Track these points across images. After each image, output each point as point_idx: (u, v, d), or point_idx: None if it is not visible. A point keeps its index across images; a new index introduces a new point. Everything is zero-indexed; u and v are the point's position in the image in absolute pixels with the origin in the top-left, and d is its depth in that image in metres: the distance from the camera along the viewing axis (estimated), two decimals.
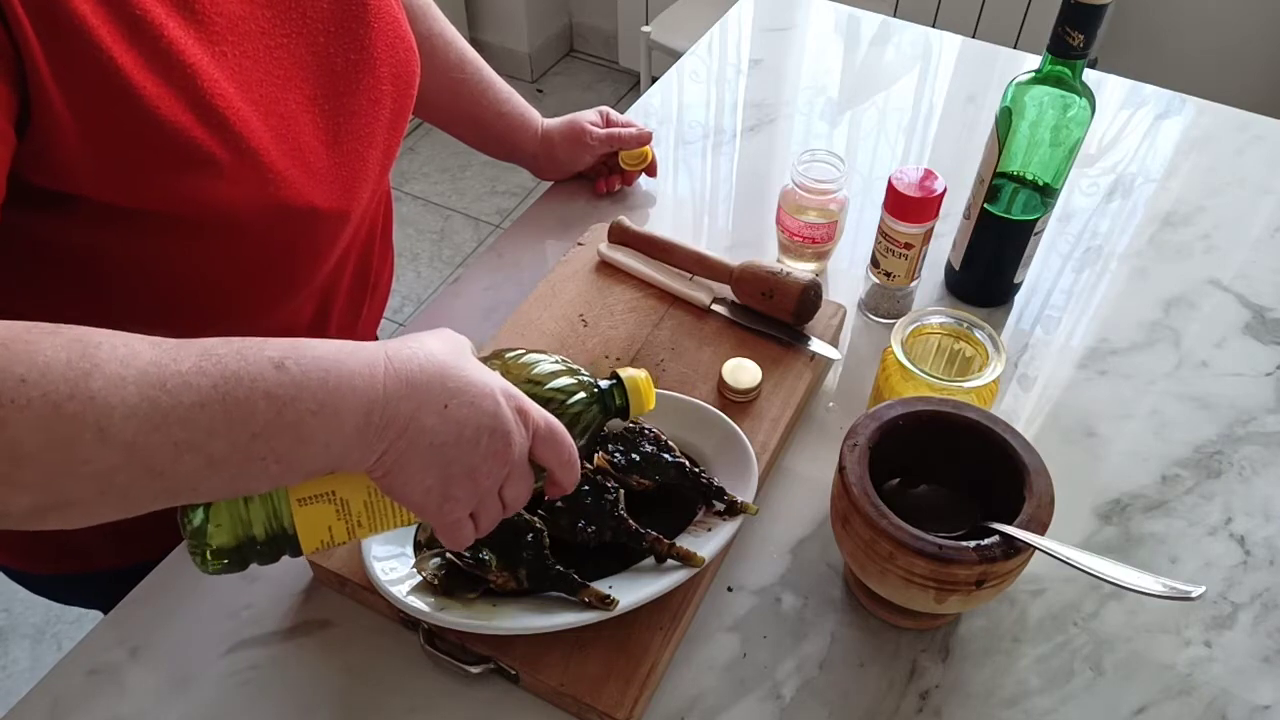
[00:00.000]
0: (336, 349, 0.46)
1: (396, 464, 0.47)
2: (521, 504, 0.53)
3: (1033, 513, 0.59)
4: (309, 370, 0.45)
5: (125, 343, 0.42)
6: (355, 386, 0.45)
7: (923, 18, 2.28)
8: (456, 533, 0.51)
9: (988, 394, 0.70)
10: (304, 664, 0.64)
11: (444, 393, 0.47)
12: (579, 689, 0.60)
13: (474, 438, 0.48)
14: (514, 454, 0.49)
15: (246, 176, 0.57)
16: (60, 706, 0.62)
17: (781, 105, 1.16)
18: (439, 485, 0.49)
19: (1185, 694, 0.64)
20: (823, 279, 0.94)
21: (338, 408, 0.45)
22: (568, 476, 0.53)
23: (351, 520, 0.52)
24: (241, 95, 0.57)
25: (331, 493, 0.51)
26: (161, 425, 0.41)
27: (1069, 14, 0.71)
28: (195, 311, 0.64)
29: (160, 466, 0.42)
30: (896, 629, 0.67)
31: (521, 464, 0.50)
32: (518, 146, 0.99)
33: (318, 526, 0.51)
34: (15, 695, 0.63)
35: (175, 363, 0.42)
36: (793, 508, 0.73)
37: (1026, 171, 0.81)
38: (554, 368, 0.57)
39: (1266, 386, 0.84)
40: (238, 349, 0.44)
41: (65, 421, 0.39)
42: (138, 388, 0.41)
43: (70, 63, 0.49)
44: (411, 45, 0.72)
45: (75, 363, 0.40)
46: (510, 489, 0.51)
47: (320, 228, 0.65)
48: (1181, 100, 1.17)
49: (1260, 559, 0.72)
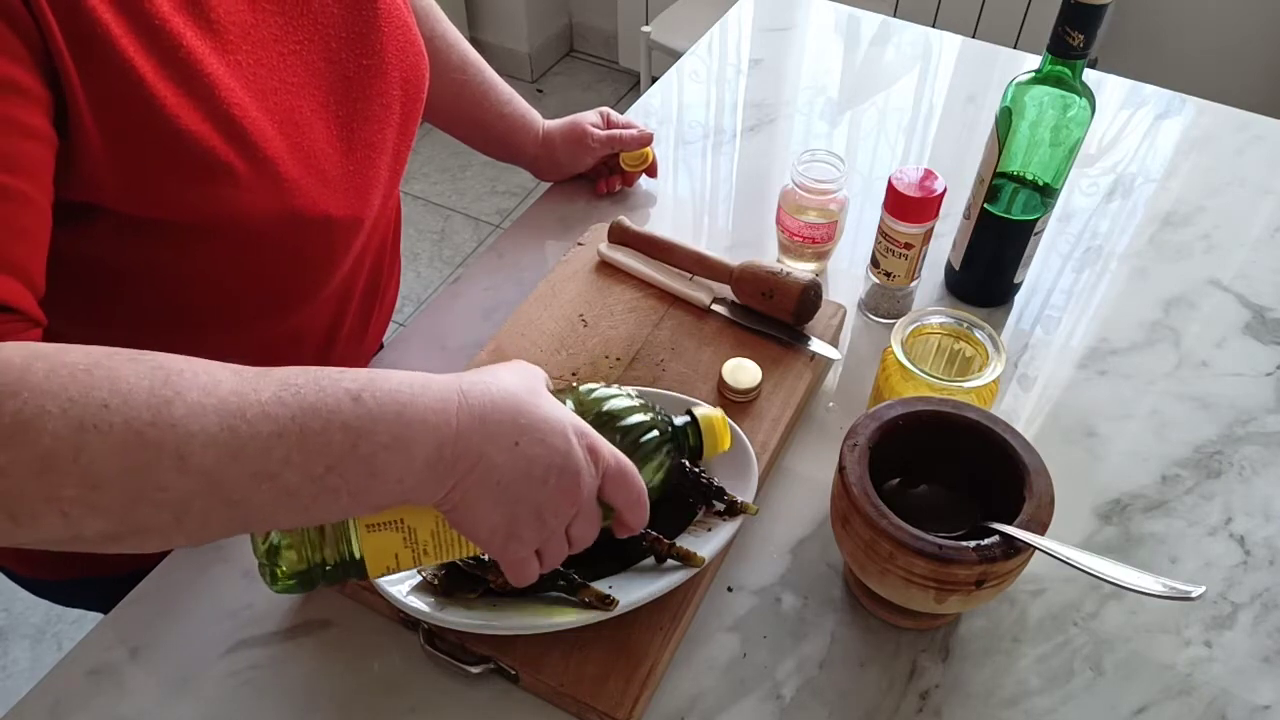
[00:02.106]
0: (411, 381, 0.46)
1: (465, 499, 0.47)
2: (588, 543, 0.52)
3: (1033, 513, 0.59)
4: (385, 404, 0.45)
5: (207, 370, 0.43)
6: (428, 421, 0.45)
7: (923, 18, 2.28)
8: (521, 570, 0.51)
9: (988, 394, 0.70)
10: (304, 664, 0.64)
11: (515, 429, 0.47)
12: (579, 689, 0.60)
13: (544, 476, 0.48)
14: (583, 493, 0.49)
15: (262, 185, 0.57)
16: (60, 706, 0.62)
17: (781, 105, 1.16)
18: (506, 522, 0.48)
19: (1185, 694, 0.64)
20: (823, 279, 0.94)
21: (411, 442, 0.45)
22: (636, 517, 0.53)
23: (418, 548, 0.52)
24: (256, 103, 0.57)
25: (400, 521, 0.51)
26: (240, 455, 0.41)
27: (1069, 14, 0.71)
28: (210, 317, 0.65)
29: (236, 496, 0.42)
30: (896, 629, 0.67)
31: (590, 503, 0.50)
32: (519, 148, 0.99)
33: (385, 553, 0.51)
34: (15, 695, 0.63)
35: (255, 392, 0.42)
36: (793, 508, 0.73)
37: (1026, 171, 0.81)
38: (628, 404, 0.57)
39: (1266, 386, 0.84)
40: (315, 380, 0.44)
41: (146, 448, 0.40)
42: (218, 416, 0.41)
43: (97, 72, 0.49)
44: (421, 50, 0.72)
45: (158, 389, 0.40)
46: (577, 528, 0.51)
47: (334, 234, 0.65)
48: (1181, 100, 1.17)
49: (1260, 559, 0.72)
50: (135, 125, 0.51)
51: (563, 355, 0.80)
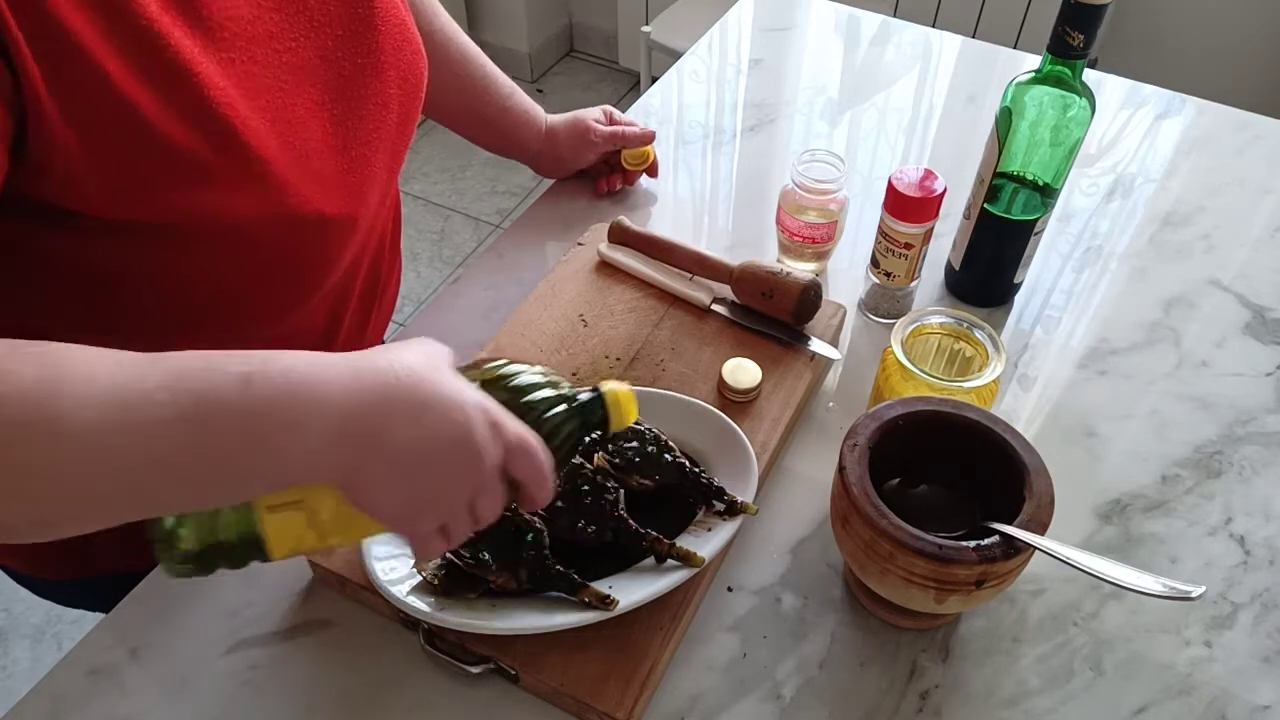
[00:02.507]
0: (308, 361, 0.46)
1: (365, 477, 0.47)
2: (492, 518, 0.52)
3: (1033, 513, 0.59)
4: (277, 385, 0.44)
5: (91, 360, 0.42)
6: (323, 400, 0.45)
7: (923, 18, 2.28)
8: (426, 546, 0.51)
9: (988, 394, 0.70)
10: (304, 664, 0.64)
11: (416, 406, 0.47)
12: (579, 689, 0.60)
13: (445, 452, 0.47)
14: (485, 469, 0.48)
15: (253, 186, 0.57)
16: (60, 706, 0.62)
17: (781, 105, 1.16)
18: (408, 499, 0.48)
19: (1185, 694, 0.64)
20: (823, 279, 0.94)
21: (305, 422, 0.45)
22: (540, 492, 0.52)
23: (322, 529, 0.51)
24: (248, 103, 0.56)
25: (300, 501, 0.50)
26: (131, 443, 0.41)
27: (1069, 14, 0.71)
28: (207, 319, 0.64)
29: (133, 482, 0.42)
30: (896, 629, 0.67)
31: (493, 479, 0.49)
32: (521, 143, 0.99)
33: (287, 534, 0.51)
34: (15, 695, 0.63)
35: (142, 381, 0.42)
36: (793, 508, 0.73)
37: (1026, 171, 0.81)
38: (534, 379, 0.56)
39: (1266, 386, 0.84)
40: (204, 365, 0.44)
41: (31, 438, 0.40)
42: (103, 406, 0.41)
43: (68, 80, 0.48)
44: (419, 48, 0.71)
45: (44, 381, 0.40)
46: (481, 504, 0.50)
47: (329, 234, 0.65)
48: (1181, 100, 1.17)
49: (1260, 559, 0.72)
50: (114, 129, 0.51)
51: (563, 355, 0.80)
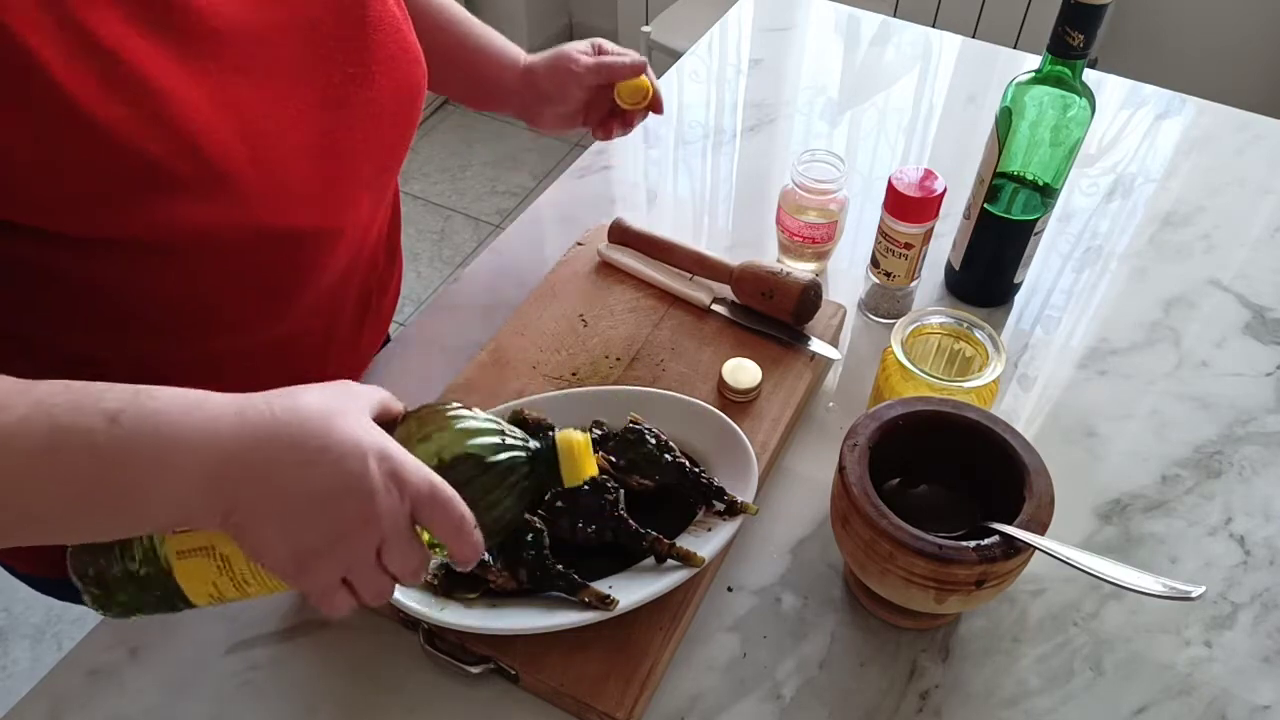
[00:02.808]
0: (184, 399, 0.44)
1: (248, 523, 0.45)
2: (411, 574, 0.48)
3: (1033, 513, 0.59)
4: (144, 425, 0.43)
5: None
6: (193, 442, 0.43)
7: (923, 18, 2.28)
8: (328, 601, 0.47)
9: (988, 394, 0.70)
10: (304, 664, 0.64)
11: (304, 450, 0.44)
12: (579, 689, 0.60)
13: (334, 500, 0.44)
14: (382, 520, 0.45)
15: (218, 199, 0.55)
16: (60, 706, 0.62)
17: (781, 105, 1.16)
18: (296, 550, 0.45)
19: (1185, 694, 0.64)
20: (823, 279, 0.94)
21: (173, 464, 0.43)
22: (461, 547, 0.48)
23: (236, 577, 0.49)
24: (219, 113, 0.55)
25: (210, 547, 0.48)
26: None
27: (1069, 14, 0.71)
28: (189, 329, 0.63)
29: (7, 508, 0.42)
30: (896, 629, 0.67)
31: (397, 530, 0.46)
32: (499, 83, 0.89)
33: (202, 581, 0.49)
34: (15, 695, 0.63)
35: (7, 410, 0.42)
36: (793, 508, 0.73)
37: (1026, 171, 0.81)
38: (478, 425, 0.51)
39: (1266, 386, 0.84)
40: (74, 400, 0.43)
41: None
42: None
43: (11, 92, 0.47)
44: (417, 57, 0.70)
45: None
46: (391, 557, 0.47)
47: (305, 247, 0.63)
48: (1181, 100, 1.17)
49: (1260, 559, 0.72)
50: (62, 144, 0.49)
51: (563, 355, 0.80)
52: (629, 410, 0.70)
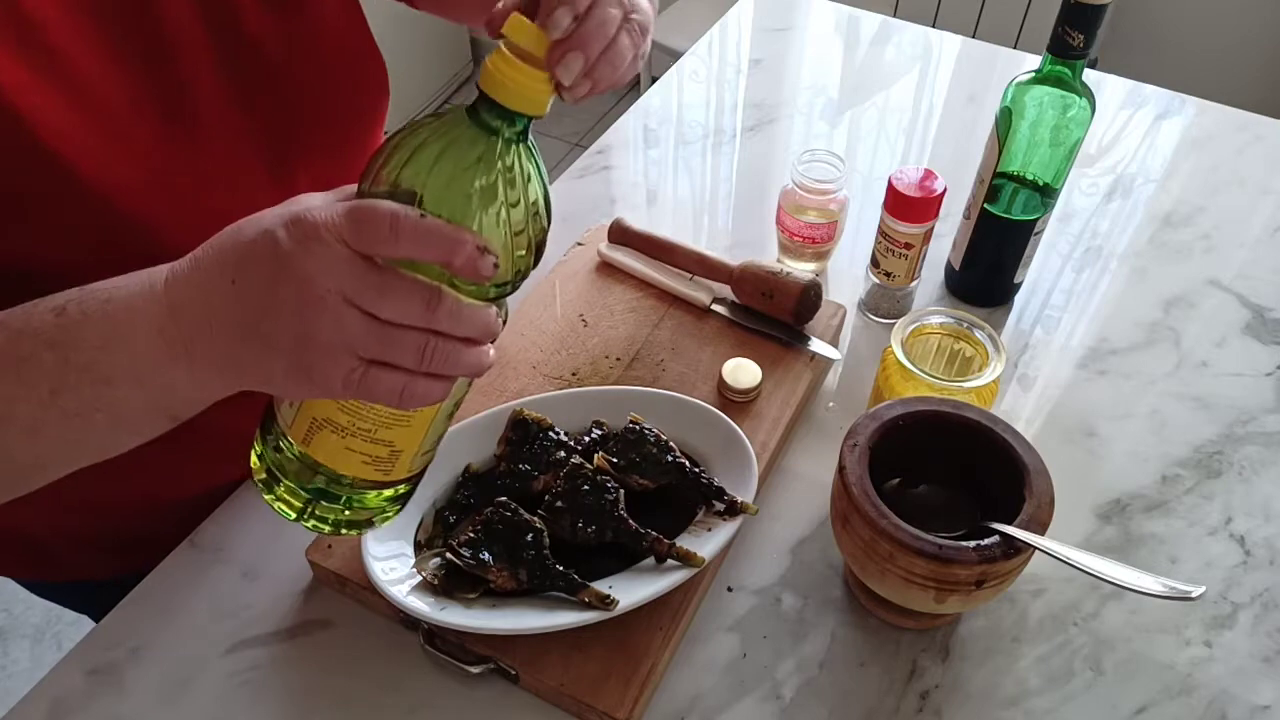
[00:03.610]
0: (125, 278, 0.43)
1: (223, 361, 0.42)
2: (426, 309, 0.41)
3: (1033, 513, 0.59)
4: (89, 308, 0.42)
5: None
6: (135, 306, 0.42)
7: (923, 18, 2.28)
8: (373, 389, 0.42)
9: (988, 394, 0.70)
10: (304, 664, 0.64)
11: (225, 267, 0.41)
12: (579, 689, 0.60)
13: (263, 284, 0.40)
14: (321, 279, 0.39)
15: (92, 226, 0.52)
16: (60, 706, 0.62)
17: (781, 105, 1.16)
18: (285, 357, 0.41)
19: (1185, 694, 0.64)
20: (823, 279, 0.94)
21: (125, 335, 0.42)
22: (436, 250, 0.40)
23: (347, 427, 0.45)
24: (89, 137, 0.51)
25: (310, 419, 0.45)
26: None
27: (1069, 14, 0.71)
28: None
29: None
30: (896, 629, 0.67)
31: (356, 276, 0.40)
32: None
33: (339, 455, 0.46)
34: (15, 695, 0.63)
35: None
36: (793, 508, 0.73)
37: (1026, 171, 0.81)
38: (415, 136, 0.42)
39: (1266, 386, 0.84)
40: (26, 308, 0.43)
41: None
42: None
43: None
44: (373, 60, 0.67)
45: None
46: (384, 306, 0.40)
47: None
48: (1181, 100, 1.17)
49: (1260, 559, 0.72)
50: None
51: (563, 355, 0.80)
52: (629, 410, 0.70)
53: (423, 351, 0.41)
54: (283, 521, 0.50)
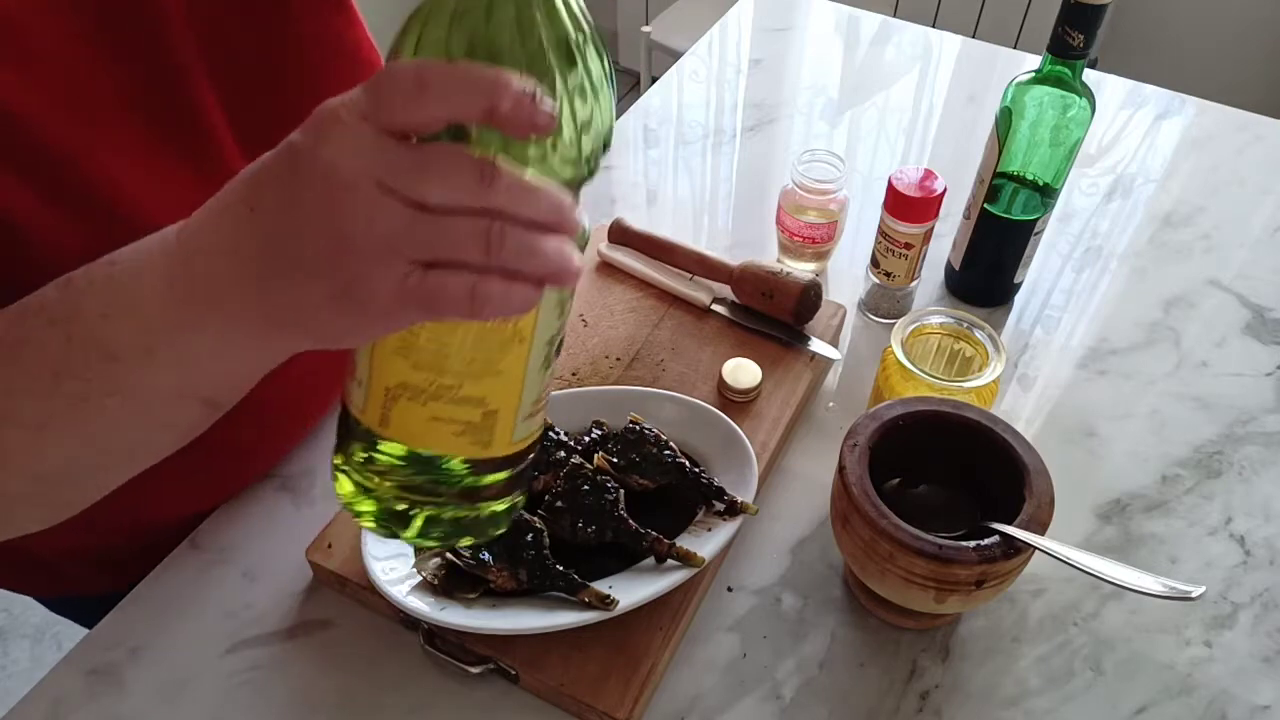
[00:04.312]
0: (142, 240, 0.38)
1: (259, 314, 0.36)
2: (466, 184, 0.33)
3: (1033, 513, 0.59)
4: (95, 274, 0.37)
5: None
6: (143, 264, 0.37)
7: (923, 18, 2.28)
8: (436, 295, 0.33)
9: (988, 394, 0.70)
10: (304, 664, 0.64)
11: (241, 196, 0.35)
12: (579, 689, 0.60)
13: (291, 202, 0.34)
14: (346, 165, 0.33)
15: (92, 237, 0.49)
16: (60, 706, 0.62)
17: (781, 105, 1.16)
18: (322, 285, 0.34)
19: (1185, 694, 0.64)
20: (823, 279, 0.94)
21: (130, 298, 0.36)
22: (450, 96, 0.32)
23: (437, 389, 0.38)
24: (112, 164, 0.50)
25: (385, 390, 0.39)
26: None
27: (1069, 14, 0.71)
28: None
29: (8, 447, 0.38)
30: (896, 629, 0.67)
31: (386, 157, 0.33)
32: None
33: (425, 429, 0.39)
34: (15, 695, 0.63)
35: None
36: (793, 508, 0.73)
37: (1026, 171, 0.81)
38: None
39: (1266, 386, 0.84)
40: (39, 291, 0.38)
41: None
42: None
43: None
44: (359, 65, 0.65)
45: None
46: (422, 186, 0.33)
47: None
48: (1181, 100, 1.17)
49: (1260, 559, 0.72)
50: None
51: (563, 355, 0.80)
52: (629, 410, 0.70)
53: (487, 236, 0.33)
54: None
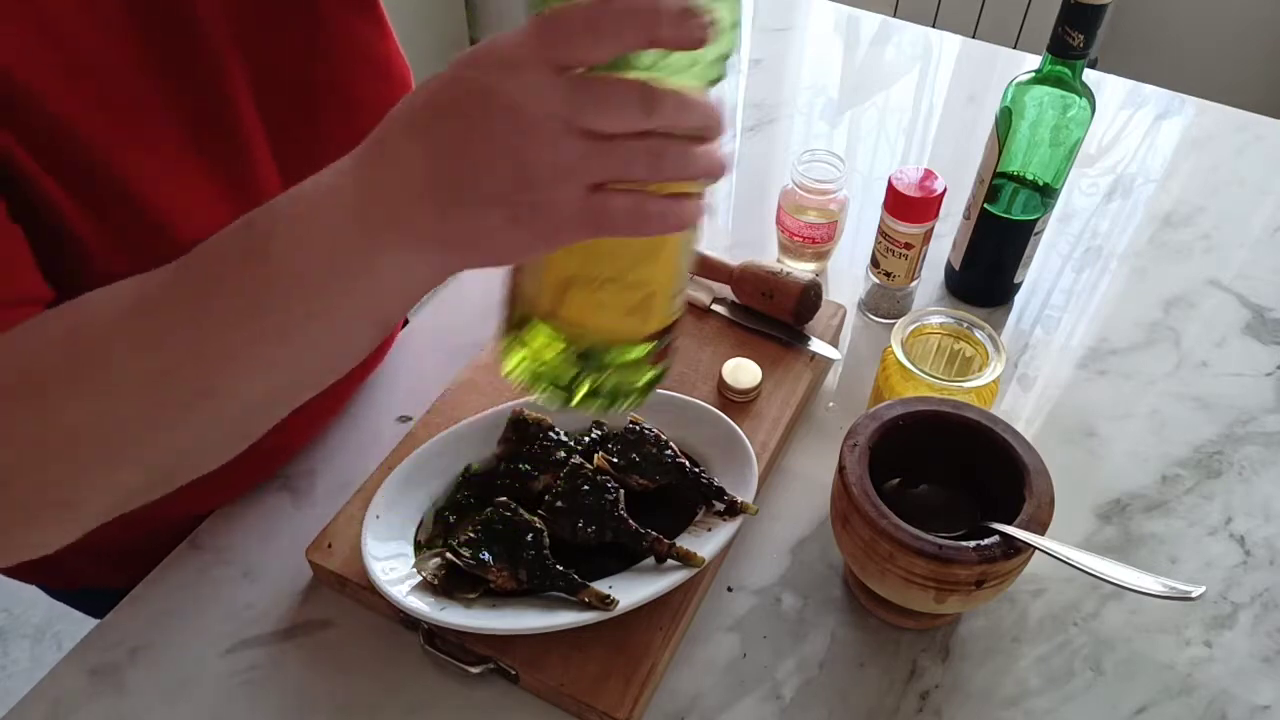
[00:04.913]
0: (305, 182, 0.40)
1: (437, 238, 0.38)
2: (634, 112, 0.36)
3: (1033, 513, 0.59)
4: (277, 208, 0.39)
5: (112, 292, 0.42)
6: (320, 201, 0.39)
7: (923, 18, 2.28)
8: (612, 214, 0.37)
9: (988, 394, 0.70)
10: (304, 664, 0.64)
11: (414, 130, 0.37)
12: (579, 689, 0.60)
13: (476, 135, 0.36)
14: (533, 105, 0.35)
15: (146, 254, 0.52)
16: (60, 706, 0.62)
17: (781, 105, 1.16)
18: (502, 210, 0.37)
19: (1185, 694, 0.64)
20: (823, 279, 0.93)
21: (319, 229, 0.38)
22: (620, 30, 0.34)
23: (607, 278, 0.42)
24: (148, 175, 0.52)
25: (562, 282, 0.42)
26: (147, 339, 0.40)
27: (1069, 14, 0.71)
28: None
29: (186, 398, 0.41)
30: (896, 629, 0.67)
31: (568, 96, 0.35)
32: None
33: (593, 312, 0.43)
34: (15, 695, 0.63)
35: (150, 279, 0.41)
36: (793, 508, 0.73)
37: (1026, 171, 0.81)
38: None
39: (1266, 386, 0.84)
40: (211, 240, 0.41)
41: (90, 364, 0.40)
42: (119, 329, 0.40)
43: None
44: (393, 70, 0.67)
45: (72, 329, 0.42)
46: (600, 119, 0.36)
47: None
48: (1181, 100, 1.17)
49: (1260, 559, 0.72)
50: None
51: None
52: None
53: (655, 156, 0.37)
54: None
